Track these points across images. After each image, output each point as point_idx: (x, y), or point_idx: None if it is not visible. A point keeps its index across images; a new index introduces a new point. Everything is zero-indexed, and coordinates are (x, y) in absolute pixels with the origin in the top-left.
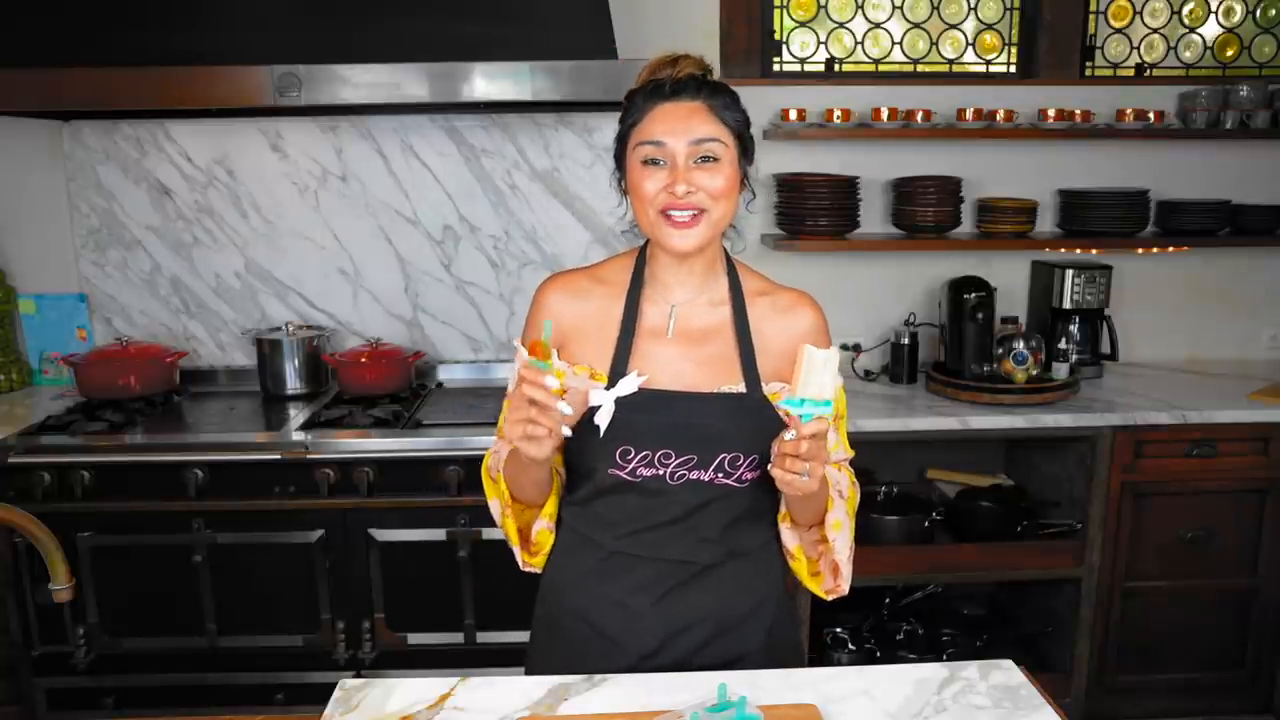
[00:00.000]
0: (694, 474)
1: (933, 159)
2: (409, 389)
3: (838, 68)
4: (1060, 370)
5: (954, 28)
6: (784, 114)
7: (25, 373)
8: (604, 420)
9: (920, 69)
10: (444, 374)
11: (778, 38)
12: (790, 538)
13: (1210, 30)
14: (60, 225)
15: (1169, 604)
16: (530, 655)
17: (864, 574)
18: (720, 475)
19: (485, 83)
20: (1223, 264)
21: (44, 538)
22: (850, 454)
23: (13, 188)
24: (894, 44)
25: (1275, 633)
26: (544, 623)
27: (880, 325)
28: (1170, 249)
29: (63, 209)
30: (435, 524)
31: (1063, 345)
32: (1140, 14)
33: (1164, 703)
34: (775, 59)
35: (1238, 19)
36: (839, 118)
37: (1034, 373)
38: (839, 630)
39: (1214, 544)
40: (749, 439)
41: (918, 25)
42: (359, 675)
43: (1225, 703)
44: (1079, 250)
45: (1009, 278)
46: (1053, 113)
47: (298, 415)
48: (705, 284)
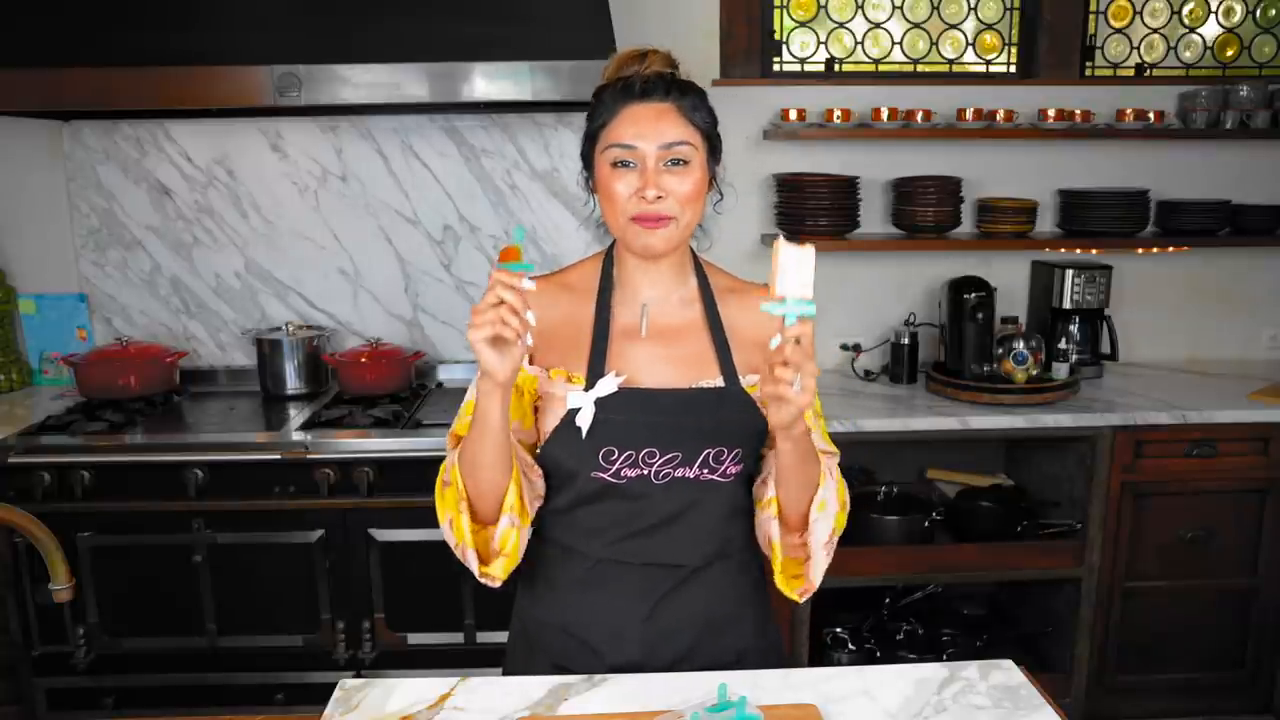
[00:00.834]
0: (679, 471)
1: (933, 159)
2: (409, 389)
3: (838, 68)
4: (1060, 370)
5: (954, 28)
6: (784, 114)
7: (25, 373)
8: (585, 421)
9: (920, 69)
10: (444, 374)
11: (778, 38)
12: (774, 529)
13: (1210, 30)
14: (60, 225)
15: (1169, 604)
16: (508, 664)
17: (864, 574)
18: (705, 471)
19: (485, 83)
20: (1223, 264)
21: (44, 538)
22: (833, 450)
23: (13, 188)
24: (894, 44)
25: (1275, 633)
26: (522, 637)
27: (880, 325)
28: (1170, 249)
29: (63, 209)
30: (435, 524)
31: (1063, 345)
32: (1140, 14)
33: (1164, 703)
34: (775, 59)
35: (1238, 19)
36: (839, 118)
37: (1034, 373)
38: (839, 630)
39: (1214, 544)
40: (731, 432)
41: (918, 25)
42: (359, 675)
43: (1225, 703)
44: (1079, 250)
45: (1009, 278)
46: (1053, 113)
47: (298, 415)
48: (675, 283)
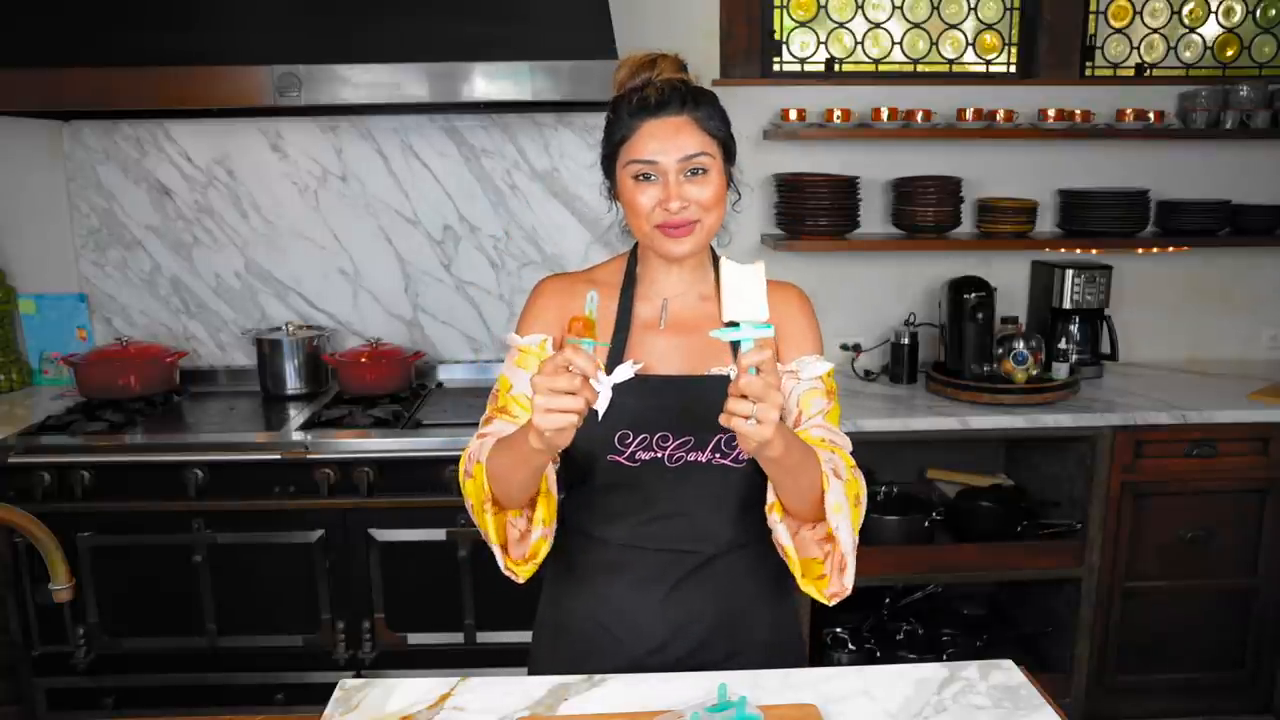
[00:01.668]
0: (691, 455)
1: (933, 159)
2: (409, 389)
3: (838, 68)
4: (1060, 370)
5: (954, 28)
6: (784, 114)
7: (25, 373)
8: (603, 405)
9: (920, 69)
10: (444, 374)
11: (778, 38)
12: (783, 533)
13: (1210, 30)
14: (60, 225)
15: (1169, 604)
16: (534, 657)
17: (864, 574)
18: (717, 455)
19: (485, 83)
20: (1223, 264)
21: (44, 538)
22: (840, 438)
23: (13, 188)
24: (894, 44)
25: (1275, 632)
26: (549, 625)
27: (880, 325)
28: (1170, 249)
29: (63, 209)
30: (435, 524)
31: (1063, 345)
32: (1140, 14)
33: (1164, 703)
34: (775, 59)
35: (1238, 19)
36: (839, 118)
37: (1034, 373)
38: (839, 630)
39: (1214, 544)
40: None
41: (918, 25)
42: (359, 675)
43: (1225, 703)
44: (1079, 250)
45: (1009, 278)
46: (1053, 113)
47: (298, 415)
48: (694, 279)
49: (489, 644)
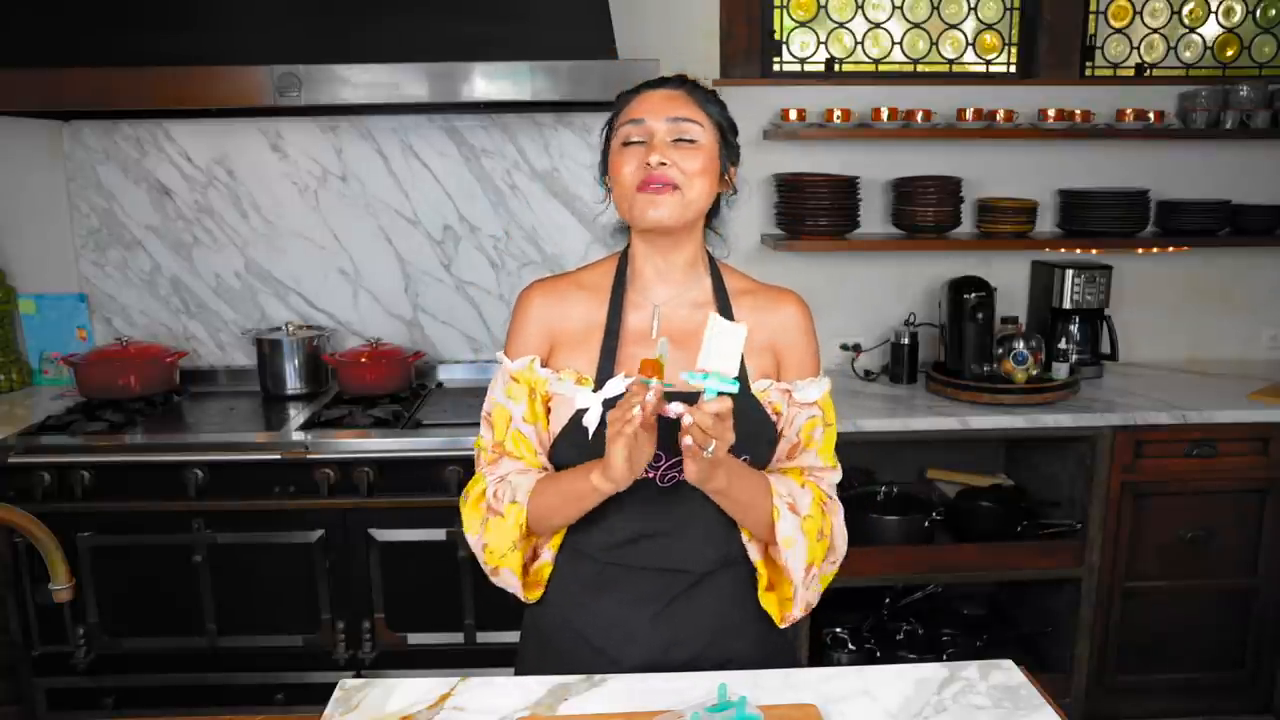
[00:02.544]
0: (683, 474)
1: (933, 159)
2: (409, 389)
3: (838, 68)
4: (1060, 370)
5: (954, 28)
6: (784, 114)
7: (25, 373)
8: (592, 422)
9: (920, 69)
10: (444, 374)
11: (778, 38)
12: (752, 551)
13: (1210, 30)
14: (60, 225)
15: (1169, 604)
16: (520, 665)
17: (864, 574)
18: None
19: (485, 83)
20: (1223, 264)
21: (44, 538)
22: (834, 467)
23: (13, 188)
24: (894, 44)
25: (1275, 632)
26: (534, 635)
27: (880, 325)
28: (1170, 249)
29: (63, 209)
30: (435, 524)
31: (1063, 345)
32: (1140, 14)
33: (1164, 703)
34: (775, 59)
35: (1238, 19)
36: (839, 118)
37: (1034, 373)
38: (839, 630)
39: (1214, 544)
40: (737, 437)
41: (918, 25)
42: (359, 675)
43: (1225, 703)
44: (1079, 250)
45: (1009, 278)
46: (1053, 113)
47: (298, 415)
48: (687, 283)
49: (489, 644)
